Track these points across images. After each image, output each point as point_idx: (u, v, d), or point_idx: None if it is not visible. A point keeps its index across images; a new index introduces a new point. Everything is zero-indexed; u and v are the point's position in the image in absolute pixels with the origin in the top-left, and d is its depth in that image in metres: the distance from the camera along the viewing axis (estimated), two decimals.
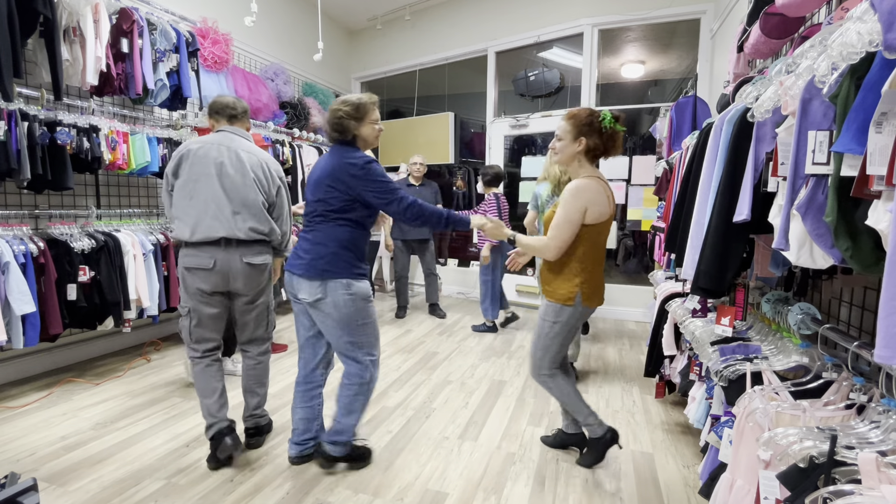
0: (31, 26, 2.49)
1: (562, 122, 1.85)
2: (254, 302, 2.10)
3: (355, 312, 1.84)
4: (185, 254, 1.98)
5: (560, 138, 1.85)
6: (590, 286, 1.86)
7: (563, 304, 1.86)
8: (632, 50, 5.54)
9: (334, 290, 1.80)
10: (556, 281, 1.89)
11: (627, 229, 5.27)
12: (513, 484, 1.93)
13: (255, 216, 2.02)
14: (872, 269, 0.88)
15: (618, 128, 1.79)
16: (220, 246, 1.96)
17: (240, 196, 1.99)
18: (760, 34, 2.05)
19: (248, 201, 2.01)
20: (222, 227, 1.95)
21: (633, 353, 3.66)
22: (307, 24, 5.47)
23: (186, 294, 2.01)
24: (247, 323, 2.13)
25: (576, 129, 1.80)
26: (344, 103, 1.85)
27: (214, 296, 2.02)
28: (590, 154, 1.82)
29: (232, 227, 1.96)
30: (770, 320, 1.65)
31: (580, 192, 1.77)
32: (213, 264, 1.95)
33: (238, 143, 2.05)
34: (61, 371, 3.08)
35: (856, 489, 0.80)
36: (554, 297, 1.89)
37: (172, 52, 3.30)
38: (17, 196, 2.89)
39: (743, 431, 1.21)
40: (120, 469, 1.98)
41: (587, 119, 1.79)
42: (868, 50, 0.86)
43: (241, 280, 2.02)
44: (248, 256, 2.01)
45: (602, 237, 1.88)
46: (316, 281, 1.81)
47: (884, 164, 0.77)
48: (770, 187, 1.23)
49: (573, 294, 1.84)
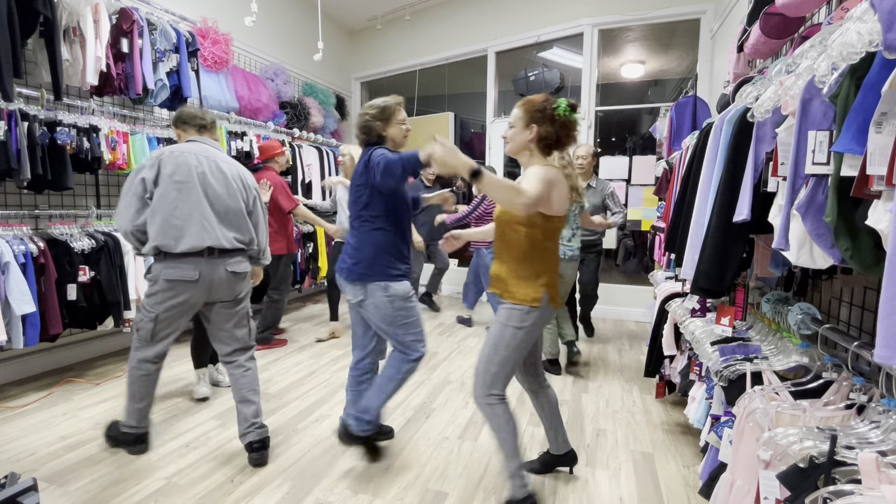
0: (31, 26, 2.49)
1: (515, 109, 1.73)
2: (235, 308, 2.11)
3: (394, 312, 1.91)
4: (167, 265, 1.94)
5: (511, 125, 1.71)
6: (554, 288, 1.69)
7: (529, 305, 1.65)
8: (632, 50, 5.54)
9: (373, 293, 1.89)
10: (519, 282, 1.68)
11: (627, 229, 5.27)
12: None
13: (237, 225, 2.05)
14: (872, 269, 0.88)
15: (573, 117, 1.65)
16: (203, 256, 1.96)
17: (223, 205, 2.01)
18: (760, 34, 2.05)
19: (231, 210, 2.03)
20: (209, 236, 1.95)
21: (633, 353, 3.66)
22: (307, 24, 5.47)
23: (160, 303, 1.96)
24: (230, 332, 2.11)
25: (528, 116, 1.65)
26: (370, 107, 1.95)
27: (191, 308, 2.02)
28: (542, 143, 1.65)
29: (218, 236, 1.97)
30: (770, 320, 1.65)
31: (547, 173, 1.57)
32: (198, 276, 1.95)
33: (215, 154, 2.07)
34: (61, 371, 3.08)
35: (856, 489, 0.80)
36: (518, 299, 1.66)
37: (172, 52, 3.30)
38: (17, 196, 2.89)
39: (743, 431, 1.21)
40: (120, 469, 1.98)
41: (540, 106, 1.64)
42: (868, 50, 0.86)
43: (225, 289, 2.04)
44: (231, 265, 2.03)
45: (557, 237, 1.73)
46: (357, 284, 1.91)
47: (884, 164, 0.77)
48: (770, 187, 1.23)
49: (539, 295, 1.65)
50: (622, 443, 2.27)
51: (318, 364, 3.30)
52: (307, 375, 3.08)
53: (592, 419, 2.51)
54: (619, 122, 6.95)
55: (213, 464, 2.03)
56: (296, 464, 2.04)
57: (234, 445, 2.17)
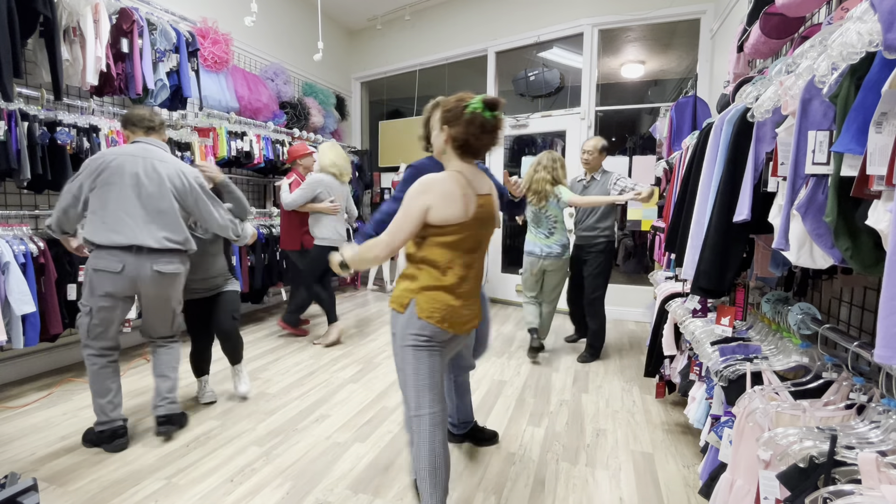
0: (31, 26, 2.49)
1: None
2: (160, 307, 2.20)
3: None
4: (95, 256, 2.03)
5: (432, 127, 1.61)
6: (431, 302, 1.46)
7: (394, 308, 1.52)
8: (632, 50, 5.54)
9: None
10: (399, 281, 1.56)
11: (627, 229, 5.27)
12: (513, 484, 1.93)
13: (168, 226, 2.10)
14: (872, 269, 0.88)
15: (485, 115, 1.42)
16: (130, 252, 2.02)
17: (154, 206, 2.07)
18: (760, 34, 2.05)
19: (162, 210, 2.08)
20: (133, 235, 2.02)
21: (633, 353, 3.66)
22: (307, 24, 5.47)
23: (91, 294, 2.05)
24: (153, 323, 2.26)
25: (442, 117, 1.49)
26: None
27: (118, 299, 2.07)
28: (455, 145, 1.48)
29: (143, 235, 2.03)
30: (770, 320, 1.65)
31: (424, 186, 1.42)
32: (122, 268, 2.01)
33: (153, 153, 2.12)
34: (61, 371, 3.08)
35: (856, 489, 0.80)
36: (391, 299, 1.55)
37: (172, 52, 3.30)
38: (17, 196, 2.89)
39: (743, 431, 1.21)
40: (120, 469, 1.98)
41: (452, 105, 1.46)
42: (868, 50, 0.86)
43: (150, 286, 2.09)
44: (158, 264, 2.07)
45: (463, 245, 1.47)
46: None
47: (884, 164, 0.77)
48: (770, 187, 1.23)
49: (406, 300, 1.47)
50: (622, 443, 2.27)
51: (318, 364, 3.31)
52: (307, 375, 3.08)
53: (592, 419, 2.51)
54: (619, 122, 6.95)
55: (212, 464, 2.03)
56: (296, 464, 2.04)
57: (235, 445, 2.17)
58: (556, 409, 2.60)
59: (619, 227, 5.21)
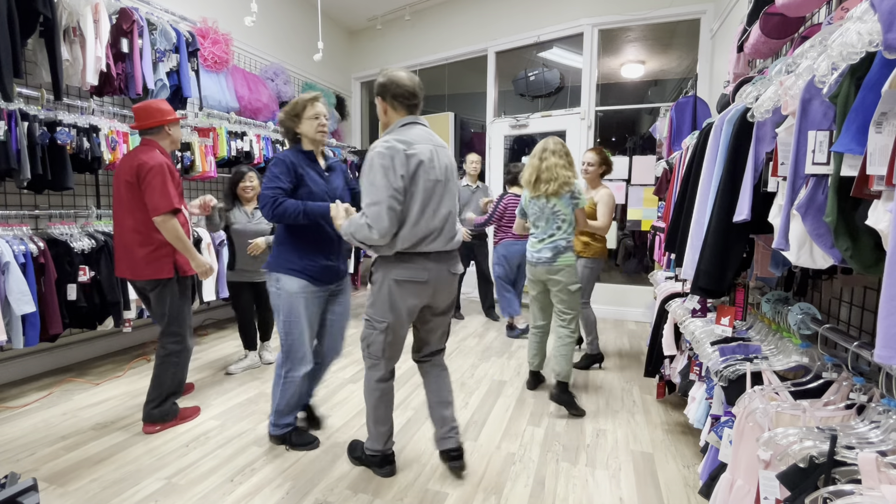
0: (31, 26, 2.49)
1: None
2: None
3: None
4: (401, 266, 1.83)
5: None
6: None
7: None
8: (632, 50, 5.54)
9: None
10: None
11: (627, 229, 5.27)
12: (513, 484, 1.93)
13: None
14: (872, 269, 0.88)
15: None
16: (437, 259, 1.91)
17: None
18: (760, 34, 2.05)
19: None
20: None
21: (633, 353, 3.66)
22: (307, 24, 5.47)
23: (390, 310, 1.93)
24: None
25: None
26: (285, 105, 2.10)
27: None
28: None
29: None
30: (770, 320, 1.65)
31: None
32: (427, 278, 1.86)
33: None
34: (61, 371, 3.08)
35: (856, 489, 0.80)
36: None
37: (172, 52, 3.30)
38: (17, 196, 2.89)
39: (743, 431, 1.21)
40: (120, 469, 1.98)
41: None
42: (868, 50, 0.86)
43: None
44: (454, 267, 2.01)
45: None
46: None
47: (884, 164, 0.77)
48: (770, 187, 1.23)
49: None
50: (622, 443, 2.27)
51: None
52: None
53: (592, 419, 2.51)
54: (619, 122, 6.95)
55: (212, 464, 2.03)
56: (296, 464, 2.04)
57: (234, 445, 2.17)
58: (556, 409, 2.60)
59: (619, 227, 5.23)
